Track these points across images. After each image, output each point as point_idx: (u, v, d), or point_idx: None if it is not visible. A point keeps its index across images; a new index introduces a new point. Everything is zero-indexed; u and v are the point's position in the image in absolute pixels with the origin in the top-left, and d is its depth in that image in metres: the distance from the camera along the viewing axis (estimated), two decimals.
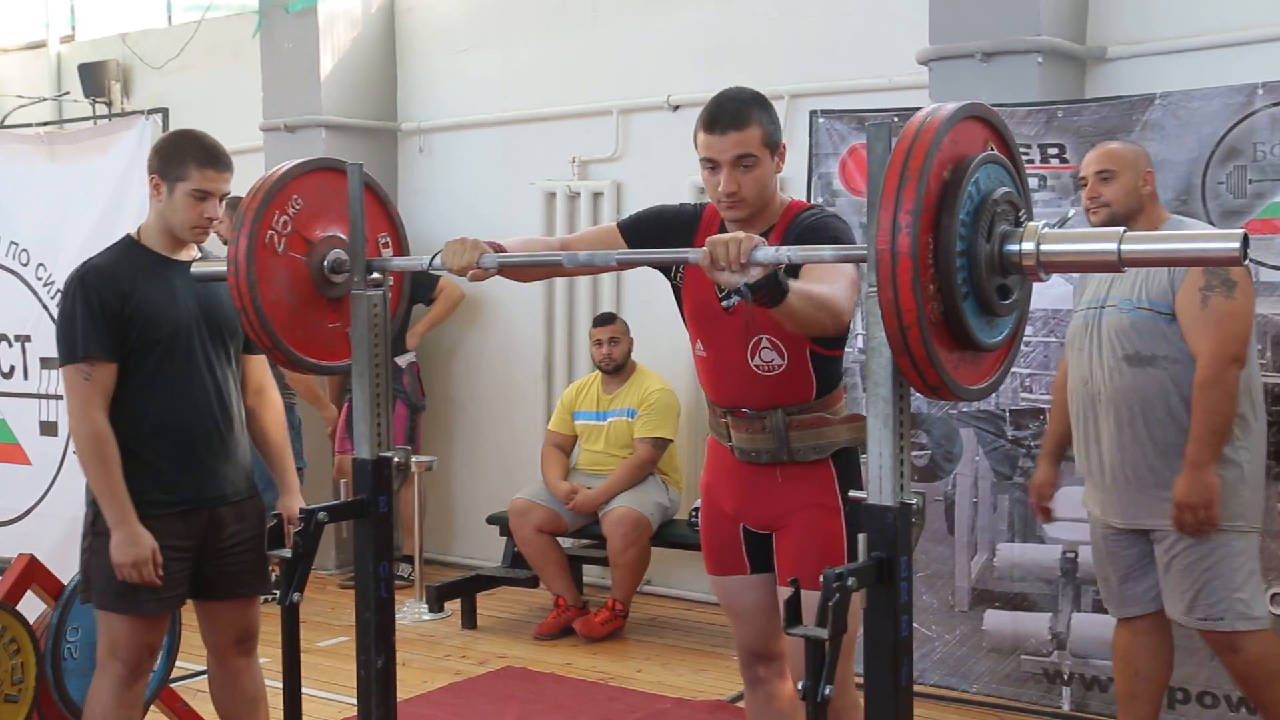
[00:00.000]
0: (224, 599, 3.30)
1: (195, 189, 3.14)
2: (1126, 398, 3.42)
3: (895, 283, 1.94)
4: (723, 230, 2.80)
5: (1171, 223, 3.51)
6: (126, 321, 3.11)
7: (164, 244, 3.22)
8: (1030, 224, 2.09)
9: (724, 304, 2.30)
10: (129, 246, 3.26)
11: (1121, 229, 2.04)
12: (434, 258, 2.73)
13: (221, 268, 2.90)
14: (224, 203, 3.22)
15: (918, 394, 2.13)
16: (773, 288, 2.35)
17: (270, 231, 2.80)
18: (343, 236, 2.87)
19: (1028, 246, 2.06)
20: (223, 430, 3.24)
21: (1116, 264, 2.03)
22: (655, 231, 2.89)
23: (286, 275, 2.83)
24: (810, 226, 2.76)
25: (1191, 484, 3.33)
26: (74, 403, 3.12)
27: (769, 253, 2.27)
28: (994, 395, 3.68)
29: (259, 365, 3.44)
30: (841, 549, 2.77)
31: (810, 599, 2.47)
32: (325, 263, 2.87)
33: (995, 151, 2.11)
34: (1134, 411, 3.42)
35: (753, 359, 2.81)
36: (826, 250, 2.38)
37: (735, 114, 2.74)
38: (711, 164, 2.75)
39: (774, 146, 2.77)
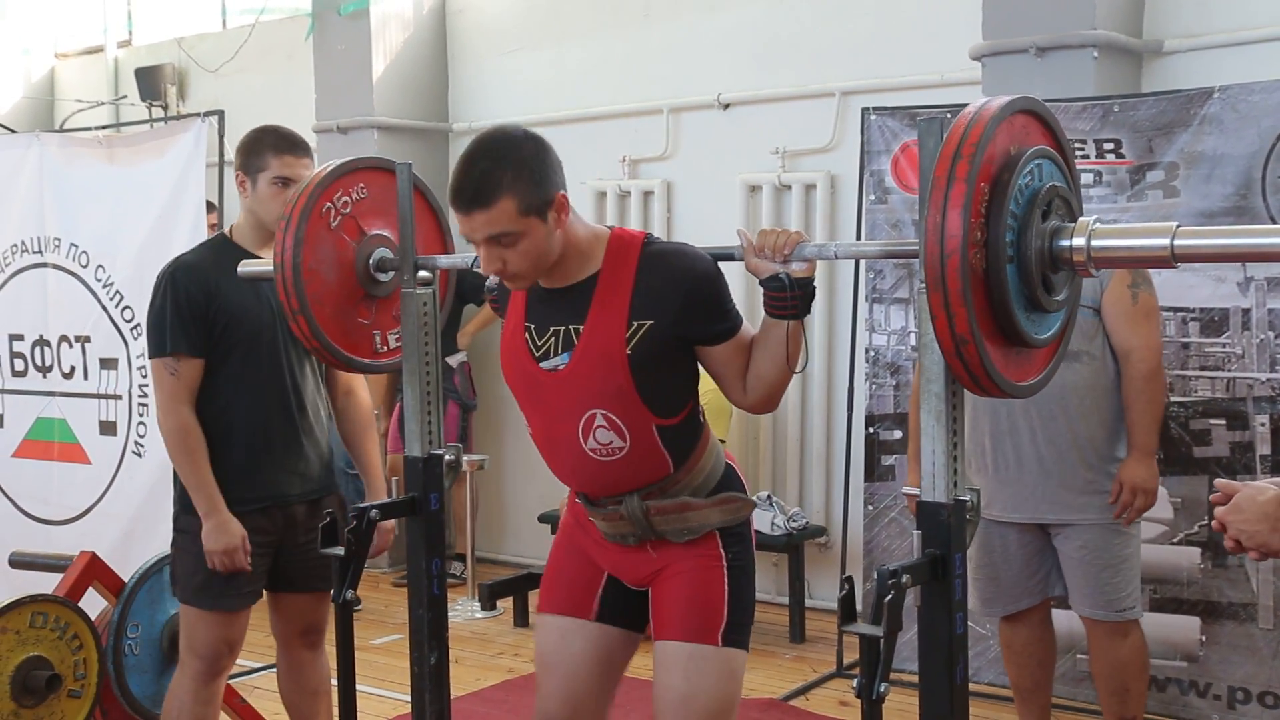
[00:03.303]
0: (297, 591, 3.35)
1: (276, 176, 3.19)
2: (1052, 392, 3.31)
3: (944, 278, 1.92)
4: (535, 286, 2.49)
5: None
6: (212, 318, 3.16)
7: (255, 241, 3.26)
8: (1082, 219, 2.06)
9: (766, 287, 2.32)
10: (220, 243, 3.31)
11: (1175, 224, 2.01)
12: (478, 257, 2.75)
13: (269, 267, 2.94)
14: None
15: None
16: (810, 294, 2.36)
17: (328, 204, 2.83)
18: (389, 236, 2.90)
19: (1078, 242, 2.03)
20: (300, 429, 3.28)
21: (1169, 259, 1.99)
22: (503, 291, 2.60)
23: (332, 251, 2.85)
24: (678, 279, 2.37)
25: (1147, 469, 3.43)
26: (161, 397, 3.18)
27: (813, 249, 2.32)
28: None
29: None
30: (721, 595, 2.49)
31: (682, 653, 2.46)
32: (371, 260, 2.90)
33: (1046, 146, 2.09)
34: (1060, 407, 3.43)
35: (586, 440, 2.43)
36: (873, 246, 2.37)
37: (478, 189, 2.29)
38: (468, 239, 2.37)
39: (542, 209, 2.32)
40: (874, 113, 4.74)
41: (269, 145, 3.21)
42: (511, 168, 2.30)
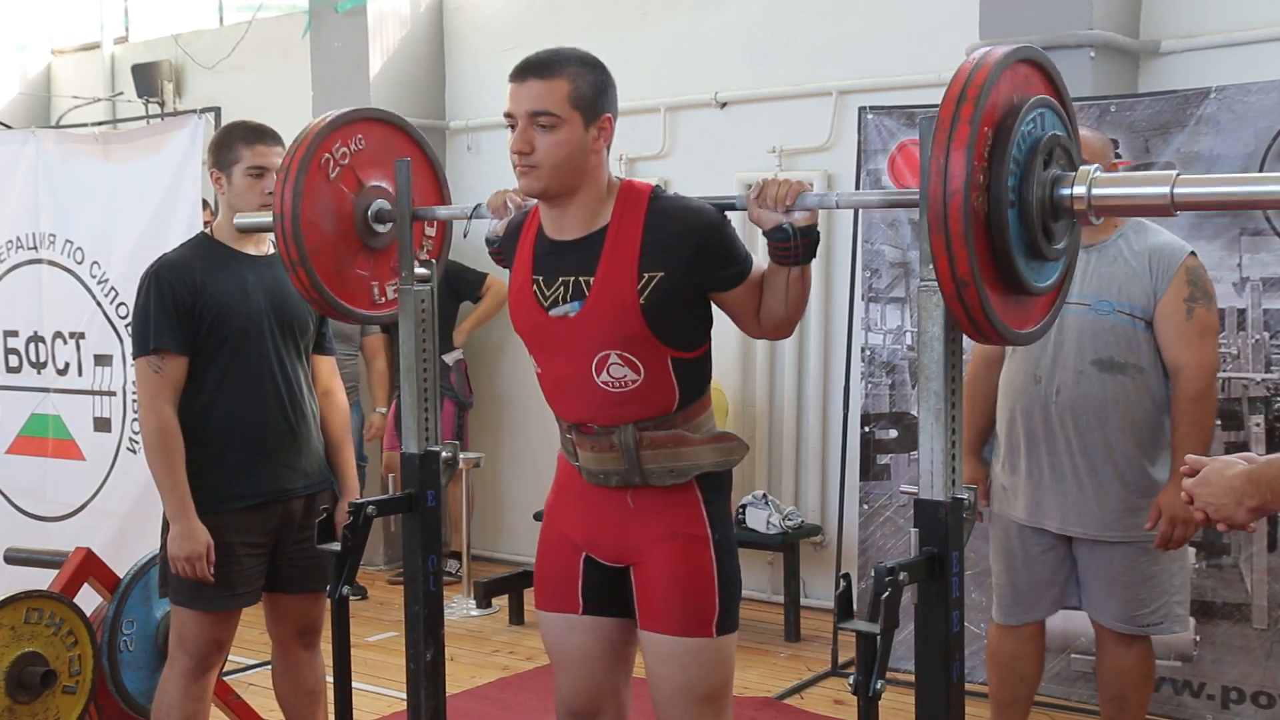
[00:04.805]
0: (293, 592, 3.34)
1: (250, 166, 3.21)
2: (1092, 404, 3.28)
3: (947, 219, 1.92)
4: (540, 235, 2.52)
5: (1133, 223, 3.36)
6: (198, 315, 3.16)
7: (236, 237, 3.27)
8: (1083, 168, 2.07)
9: (770, 238, 2.34)
10: (202, 241, 3.32)
11: (1175, 171, 2.02)
12: (477, 207, 2.76)
13: (266, 218, 2.94)
14: None
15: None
16: (815, 240, 2.36)
17: (327, 155, 2.83)
18: (387, 187, 2.89)
19: (1079, 190, 2.04)
20: (294, 423, 3.28)
21: (1169, 207, 1.99)
22: (509, 242, 2.63)
23: (330, 202, 2.85)
24: (686, 231, 2.40)
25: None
26: (144, 395, 3.17)
27: (815, 199, 2.32)
28: None
29: (326, 366, 3.49)
30: (712, 585, 2.46)
31: (677, 647, 2.44)
32: (369, 211, 2.89)
33: (1048, 96, 2.09)
34: (1099, 418, 3.28)
35: (599, 375, 2.44)
36: (874, 195, 2.35)
37: (542, 62, 2.39)
38: (510, 119, 2.41)
39: (589, 111, 2.38)
40: (871, 111, 4.75)
41: (239, 137, 3.23)
42: (579, 64, 2.40)
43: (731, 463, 2.54)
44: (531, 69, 2.38)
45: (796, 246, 2.33)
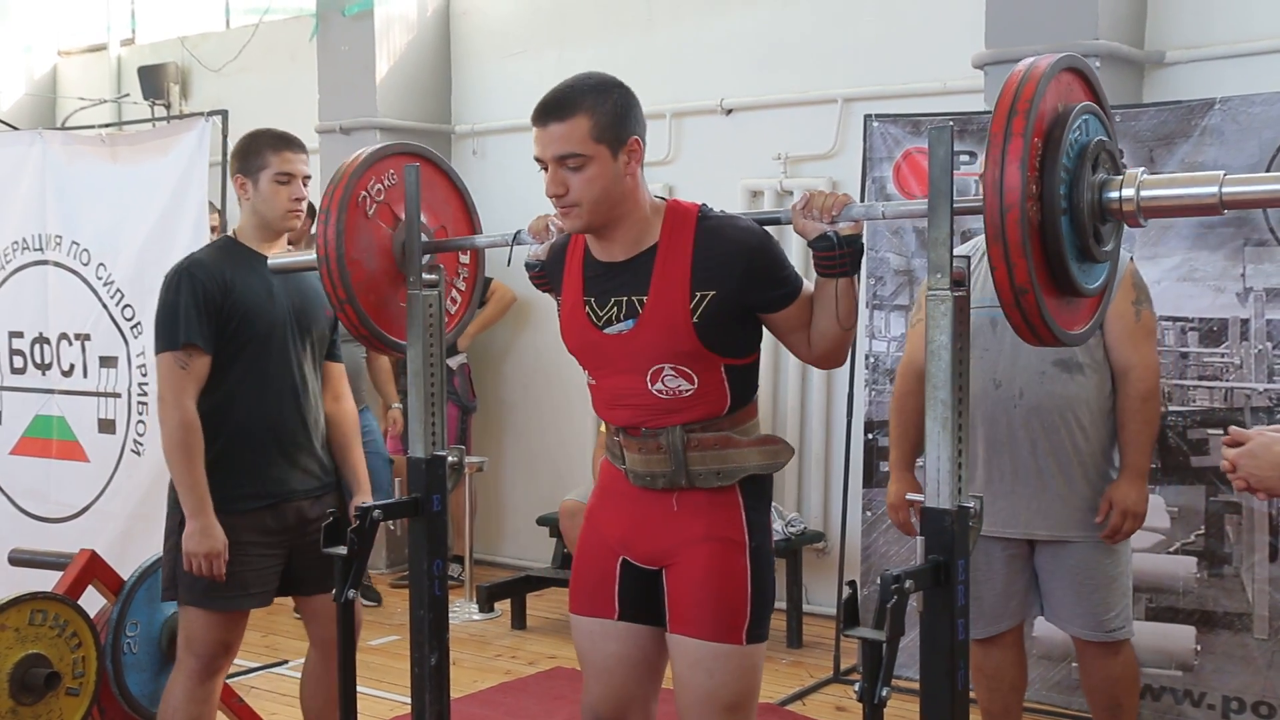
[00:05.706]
0: (317, 592, 3.33)
1: (277, 173, 3.24)
2: (1056, 403, 3.32)
3: (1004, 231, 1.96)
4: (588, 255, 2.54)
5: None
6: (226, 314, 3.18)
7: (259, 240, 3.30)
8: (1130, 170, 2.10)
9: (815, 247, 2.35)
10: (228, 244, 3.35)
11: (1222, 172, 2.04)
12: (518, 233, 2.78)
13: (298, 258, 2.97)
14: (306, 185, 3.30)
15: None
16: (860, 250, 2.38)
17: (364, 193, 2.87)
18: (423, 219, 2.92)
19: (1128, 192, 2.08)
20: (308, 425, 3.31)
21: (1218, 206, 2.03)
22: (555, 266, 2.66)
23: (371, 239, 2.89)
24: (735, 251, 2.42)
25: (1138, 491, 3.31)
26: (167, 390, 3.17)
27: (860, 209, 2.35)
28: None
29: (338, 373, 3.52)
30: (744, 592, 2.47)
31: (705, 651, 2.45)
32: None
33: (1090, 102, 2.12)
34: (1062, 417, 3.32)
35: (654, 385, 2.47)
36: (920, 205, 2.36)
37: (559, 102, 2.38)
38: (540, 163, 2.44)
39: (614, 140, 2.39)
40: (876, 119, 4.76)
41: (267, 144, 3.27)
42: (595, 94, 2.39)
43: (777, 465, 2.55)
44: (550, 111, 2.38)
45: (841, 255, 2.34)
